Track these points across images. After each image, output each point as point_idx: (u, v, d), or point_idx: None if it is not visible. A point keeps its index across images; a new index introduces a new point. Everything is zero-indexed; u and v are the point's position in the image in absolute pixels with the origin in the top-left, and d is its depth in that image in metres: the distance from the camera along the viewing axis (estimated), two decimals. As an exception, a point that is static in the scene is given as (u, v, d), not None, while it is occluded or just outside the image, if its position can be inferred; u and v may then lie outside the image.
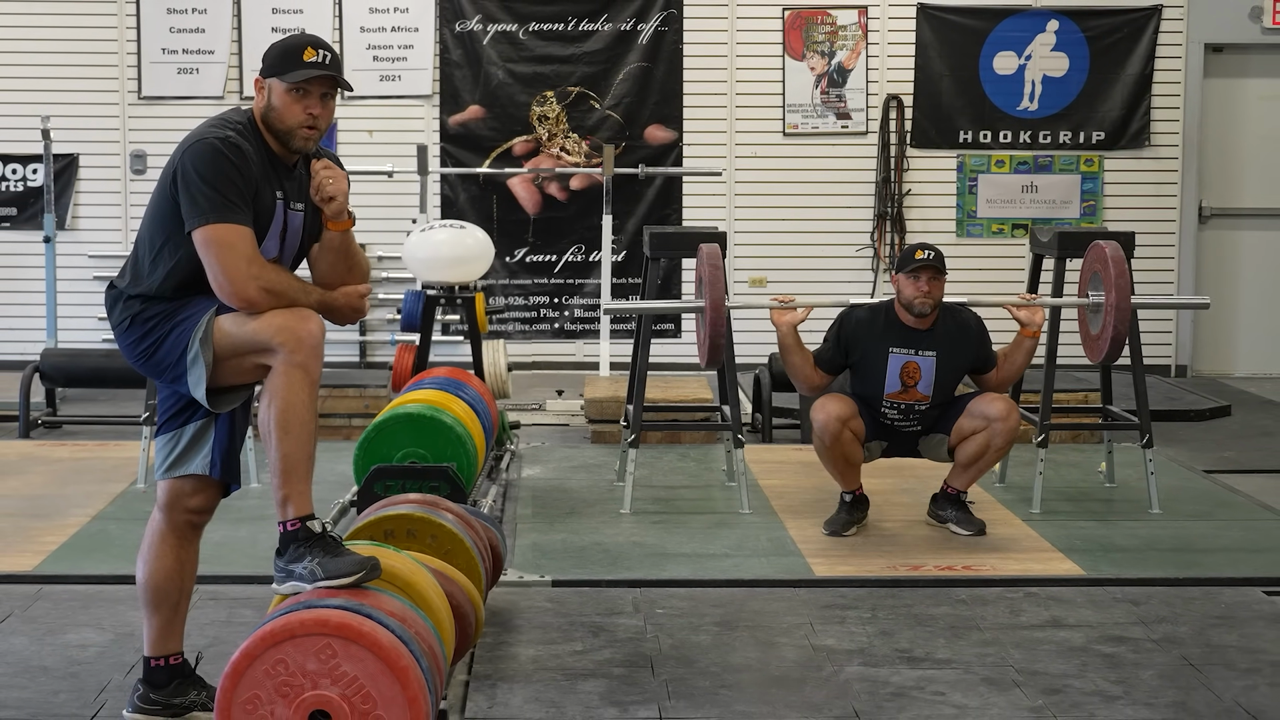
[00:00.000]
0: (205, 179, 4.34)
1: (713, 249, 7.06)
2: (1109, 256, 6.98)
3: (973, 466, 7.03)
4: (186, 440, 4.59)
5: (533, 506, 7.60)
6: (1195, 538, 7.11)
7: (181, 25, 12.00)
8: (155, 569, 4.62)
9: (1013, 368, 7.13)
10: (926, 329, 7.00)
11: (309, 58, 4.48)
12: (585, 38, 12.13)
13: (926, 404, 7.01)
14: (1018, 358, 7.11)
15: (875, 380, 7.01)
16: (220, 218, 4.33)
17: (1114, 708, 4.93)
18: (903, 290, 6.97)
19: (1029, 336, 7.09)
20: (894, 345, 6.99)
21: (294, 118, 4.49)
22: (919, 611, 5.94)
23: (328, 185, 4.52)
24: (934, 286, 6.92)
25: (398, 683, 3.95)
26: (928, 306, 6.93)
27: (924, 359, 6.98)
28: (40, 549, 6.67)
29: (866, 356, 7.02)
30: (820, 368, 7.11)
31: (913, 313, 6.97)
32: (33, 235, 11.69)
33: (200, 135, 4.43)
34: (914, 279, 6.92)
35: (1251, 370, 12.65)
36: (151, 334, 4.47)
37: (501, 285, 12.24)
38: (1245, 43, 12.39)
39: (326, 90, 4.53)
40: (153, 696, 4.67)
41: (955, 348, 7.03)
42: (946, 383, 7.04)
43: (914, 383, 6.99)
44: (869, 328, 7.04)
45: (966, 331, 7.09)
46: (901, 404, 7.01)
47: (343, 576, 4.21)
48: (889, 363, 6.98)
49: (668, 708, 4.89)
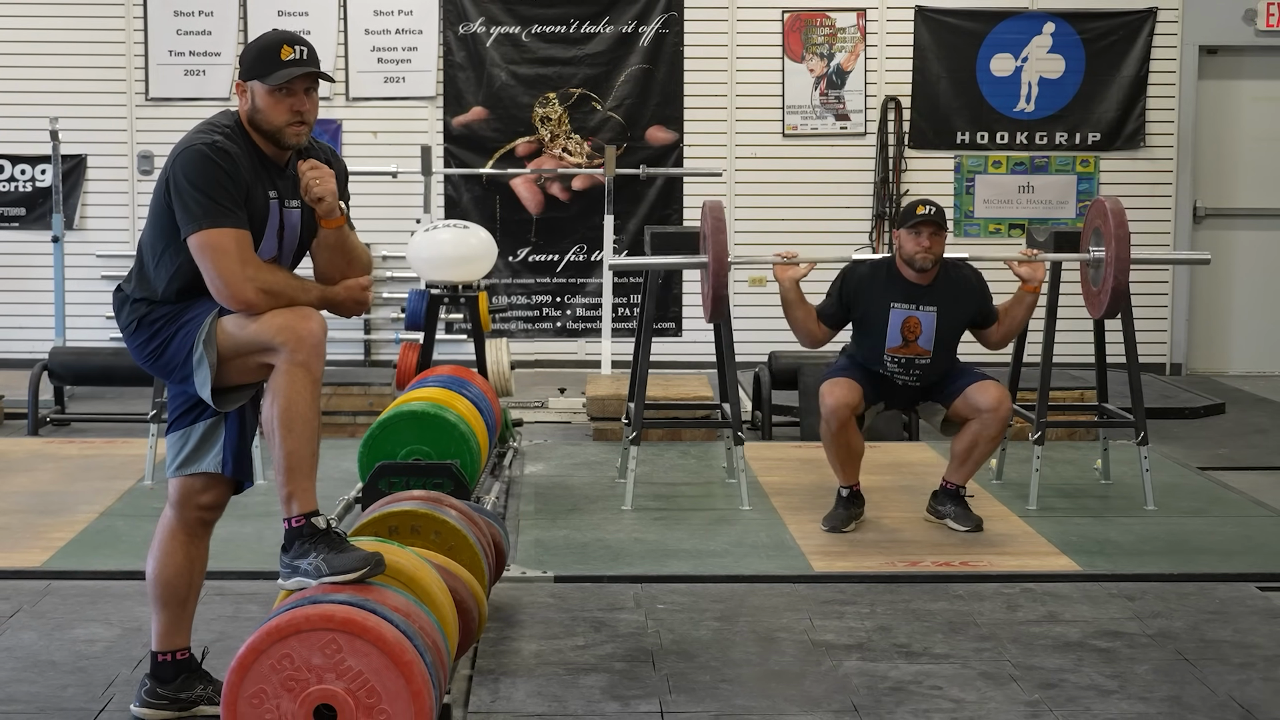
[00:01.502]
0: (195, 185, 4.35)
1: (716, 204, 7.09)
2: (1109, 210, 7.04)
3: (968, 460, 7.05)
4: (197, 438, 4.60)
5: (535, 503, 7.60)
6: (1190, 534, 7.11)
7: (188, 28, 12.04)
8: (165, 565, 4.63)
9: (1013, 323, 7.16)
10: (927, 284, 7.01)
11: (286, 56, 4.46)
12: (587, 40, 12.17)
13: (928, 359, 7.02)
14: (1018, 313, 7.13)
15: (877, 335, 7.02)
16: (213, 223, 4.33)
17: (1109, 702, 4.93)
18: (904, 246, 6.99)
19: (1030, 292, 7.11)
20: (895, 300, 7.00)
21: (280, 117, 4.48)
22: (917, 607, 5.95)
23: (314, 186, 4.50)
24: (935, 242, 6.94)
25: (402, 677, 3.95)
26: (929, 262, 6.95)
27: (925, 314, 7.00)
28: (48, 545, 6.67)
29: (868, 312, 7.04)
30: (823, 322, 7.13)
31: (914, 268, 6.98)
32: (41, 235, 11.76)
33: (188, 142, 4.43)
34: (915, 234, 6.93)
35: (1246, 368, 12.68)
36: (158, 336, 4.49)
37: (504, 284, 12.28)
38: (1239, 45, 12.42)
39: (309, 84, 4.51)
40: (160, 691, 4.69)
41: (956, 303, 7.05)
42: (947, 337, 7.06)
43: (915, 337, 7.00)
44: (870, 283, 7.06)
45: (968, 286, 7.11)
46: (903, 358, 7.03)
47: (347, 572, 4.21)
48: (890, 317, 6.99)
49: (668, 702, 4.90)
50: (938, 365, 7.08)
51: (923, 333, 7.00)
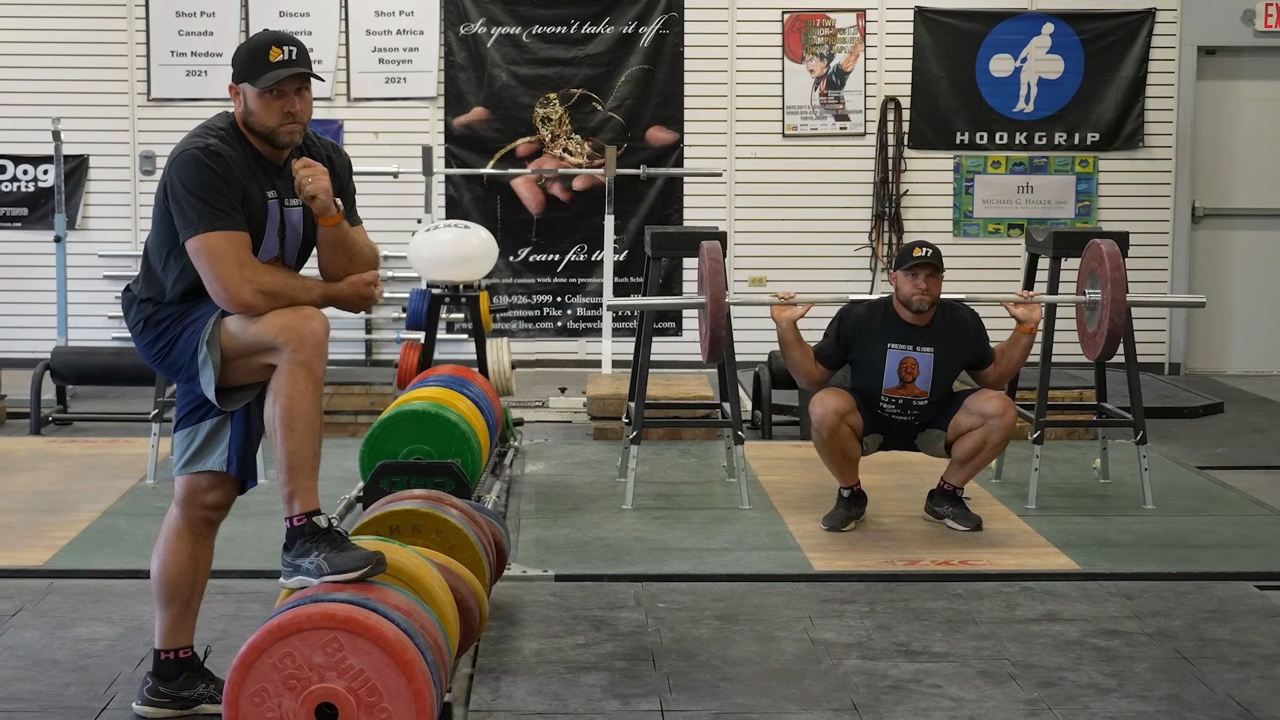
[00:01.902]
0: (191, 190, 4.36)
1: (713, 246, 7.10)
2: (1105, 254, 7.04)
3: (969, 463, 7.07)
4: (203, 437, 4.62)
5: (536, 502, 7.61)
6: (1188, 533, 7.12)
7: (190, 28, 12.06)
8: (170, 563, 4.65)
9: (1009, 364, 7.16)
10: (924, 325, 7.03)
11: (275, 57, 4.46)
12: (588, 40, 12.18)
13: (925, 399, 7.04)
14: (1014, 354, 7.14)
15: (874, 376, 7.04)
16: (209, 226, 4.35)
17: (1108, 700, 4.95)
18: (901, 287, 7.01)
19: (1026, 333, 7.12)
20: (892, 341, 7.02)
21: (273, 119, 4.48)
22: (916, 605, 5.96)
23: (307, 184, 4.48)
24: (931, 284, 6.95)
25: (403, 675, 3.95)
26: (925, 304, 6.97)
27: (922, 355, 7.02)
28: (51, 544, 6.68)
29: (865, 352, 7.05)
30: (820, 362, 7.15)
31: (911, 309, 7.00)
32: (44, 235, 11.77)
33: (183, 147, 4.44)
34: (912, 276, 6.95)
35: (1244, 368, 12.69)
36: (164, 336, 4.51)
37: (505, 284, 12.29)
38: (1237, 45, 12.43)
39: (301, 84, 4.51)
40: (162, 689, 4.71)
41: (953, 344, 7.07)
42: (944, 378, 7.08)
43: (912, 378, 7.02)
44: (868, 324, 7.08)
45: (964, 327, 7.13)
46: (900, 399, 7.05)
47: (348, 571, 4.21)
48: (887, 358, 7.01)
49: (669, 700, 4.91)
50: (934, 406, 7.10)
51: (920, 374, 7.02)
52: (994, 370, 7.18)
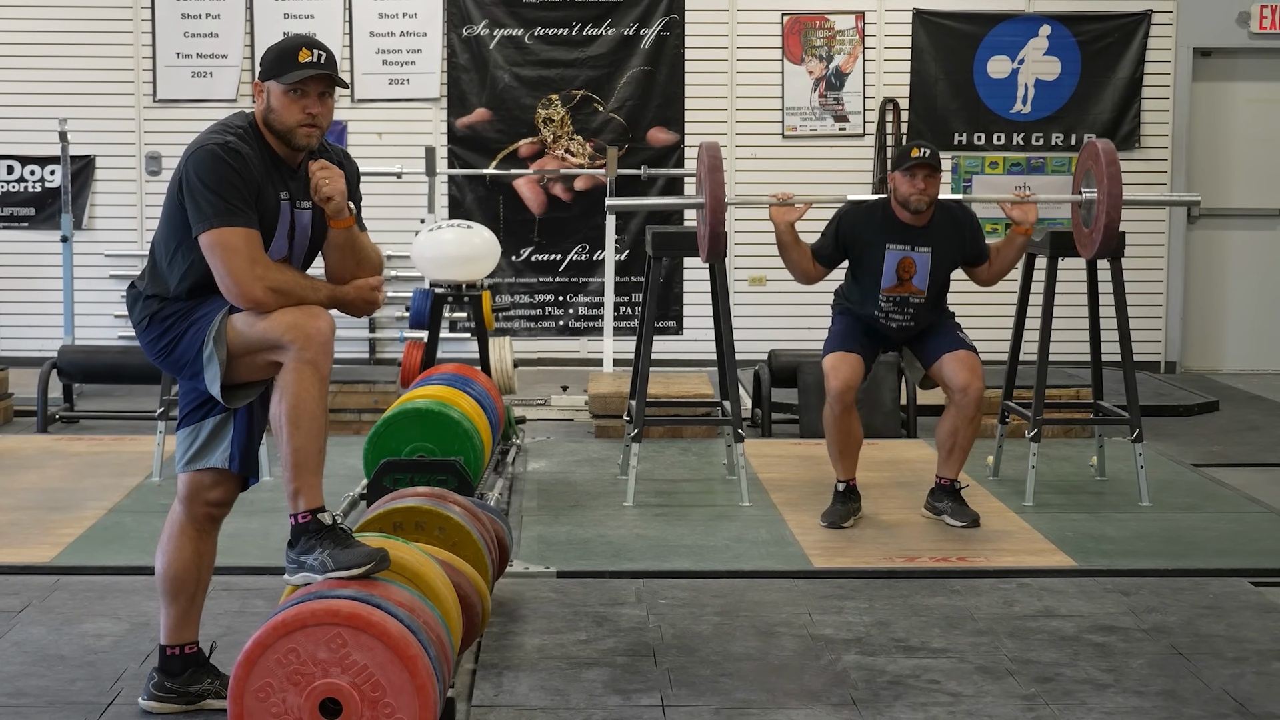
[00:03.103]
0: (207, 185, 4.38)
1: (712, 145, 7.14)
2: (1101, 150, 7.14)
3: (954, 450, 7.09)
4: (206, 434, 4.63)
5: (538, 499, 7.62)
6: (1184, 530, 7.12)
7: (195, 30, 12.09)
8: (174, 560, 4.66)
9: (1003, 263, 7.20)
10: (922, 225, 7.05)
11: (304, 58, 4.50)
12: (589, 42, 12.22)
13: (922, 298, 7.05)
14: (1009, 253, 7.17)
15: (872, 275, 7.05)
16: (223, 222, 4.37)
17: (1105, 695, 4.95)
18: (899, 188, 7.02)
19: (1021, 234, 7.15)
20: (890, 241, 7.03)
21: (293, 117, 4.51)
22: (915, 602, 5.96)
23: (324, 185, 4.51)
24: (929, 184, 6.98)
25: (406, 671, 3.96)
26: (923, 204, 6.99)
27: (919, 254, 7.02)
28: (58, 541, 6.68)
29: (864, 253, 7.06)
30: (818, 261, 7.18)
31: (909, 210, 7.02)
32: (50, 235, 11.80)
33: (201, 142, 4.47)
34: (910, 177, 6.97)
35: (1239, 366, 12.73)
36: (169, 332, 4.52)
37: (507, 283, 12.32)
38: (1233, 47, 12.46)
39: (324, 89, 4.55)
40: (167, 684, 4.72)
41: (950, 243, 7.08)
42: (941, 276, 7.10)
43: (909, 277, 7.02)
44: (866, 224, 7.09)
45: (960, 227, 7.15)
46: (898, 297, 7.06)
47: (353, 568, 4.22)
48: (885, 258, 7.02)
49: (670, 695, 4.92)
50: (931, 304, 7.10)
51: (917, 272, 7.03)
52: (988, 269, 7.23)
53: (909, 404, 9.45)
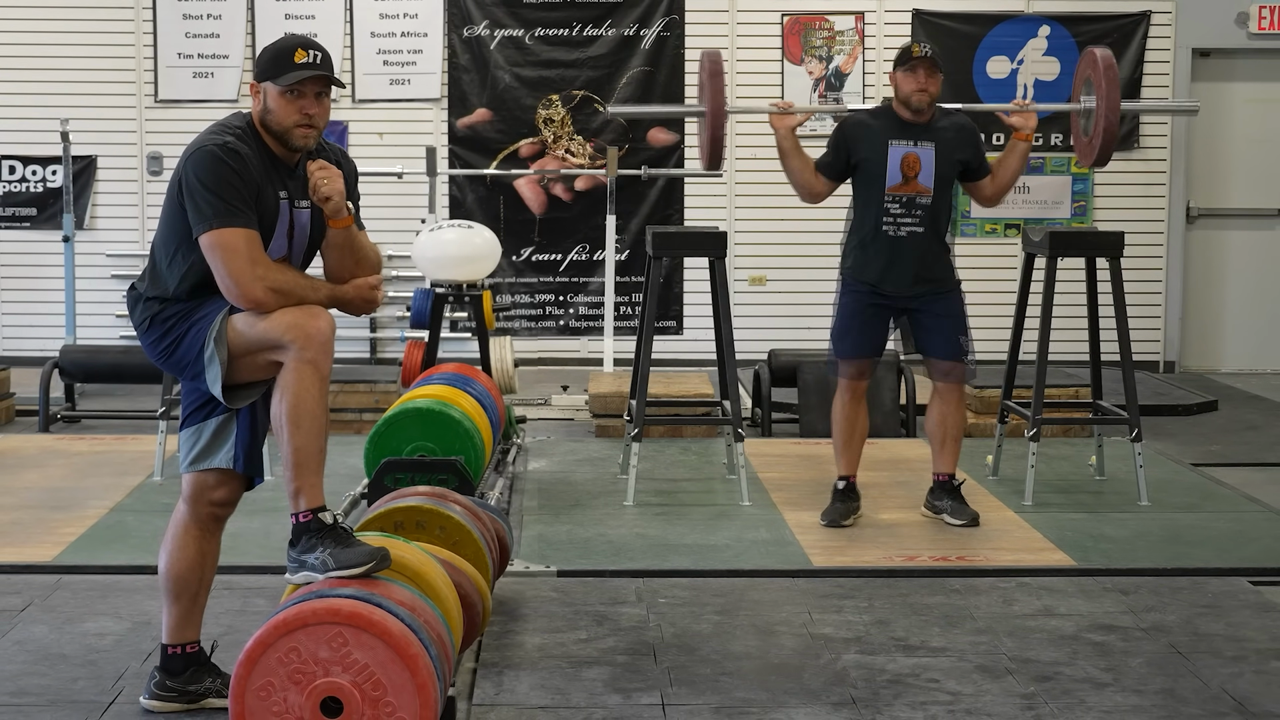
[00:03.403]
0: (207, 186, 4.39)
1: (713, 53, 7.16)
2: (1099, 58, 7.14)
3: (945, 441, 7.13)
4: (209, 435, 4.65)
5: (538, 499, 7.63)
6: (1183, 529, 7.13)
7: (197, 31, 12.11)
8: (177, 559, 4.67)
9: (1007, 172, 7.18)
10: (924, 123, 7.06)
11: (300, 59, 4.52)
12: (590, 43, 12.23)
13: (929, 198, 7.02)
14: (1011, 161, 7.16)
15: (877, 175, 7.03)
16: (223, 222, 4.38)
17: (1104, 694, 4.96)
18: (901, 86, 7.03)
19: (1022, 140, 7.15)
20: (893, 138, 7.03)
21: (290, 118, 4.53)
22: (914, 601, 5.97)
23: (322, 185, 4.52)
24: (930, 82, 6.98)
25: (407, 670, 3.97)
26: (925, 102, 6.99)
27: (923, 150, 7.02)
28: (59, 540, 6.69)
29: (867, 152, 7.05)
30: (822, 173, 7.18)
31: (910, 108, 7.02)
32: (52, 235, 11.82)
33: (200, 143, 4.48)
34: (911, 74, 6.97)
35: (1238, 366, 12.74)
36: (170, 333, 4.53)
37: (508, 283, 12.33)
38: (1231, 48, 12.48)
39: (321, 89, 4.57)
40: (169, 683, 4.73)
41: (952, 142, 7.08)
42: (946, 175, 7.06)
43: (914, 174, 7.01)
44: (868, 126, 7.10)
45: (963, 129, 7.15)
46: (904, 197, 7.02)
47: (353, 567, 4.23)
48: (889, 154, 7.01)
49: (670, 694, 4.93)
50: (937, 209, 7.06)
51: (922, 169, 7.01)
52: (991, 183, 7.20)
53: (909, 404, 9.47)
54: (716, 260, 7.80)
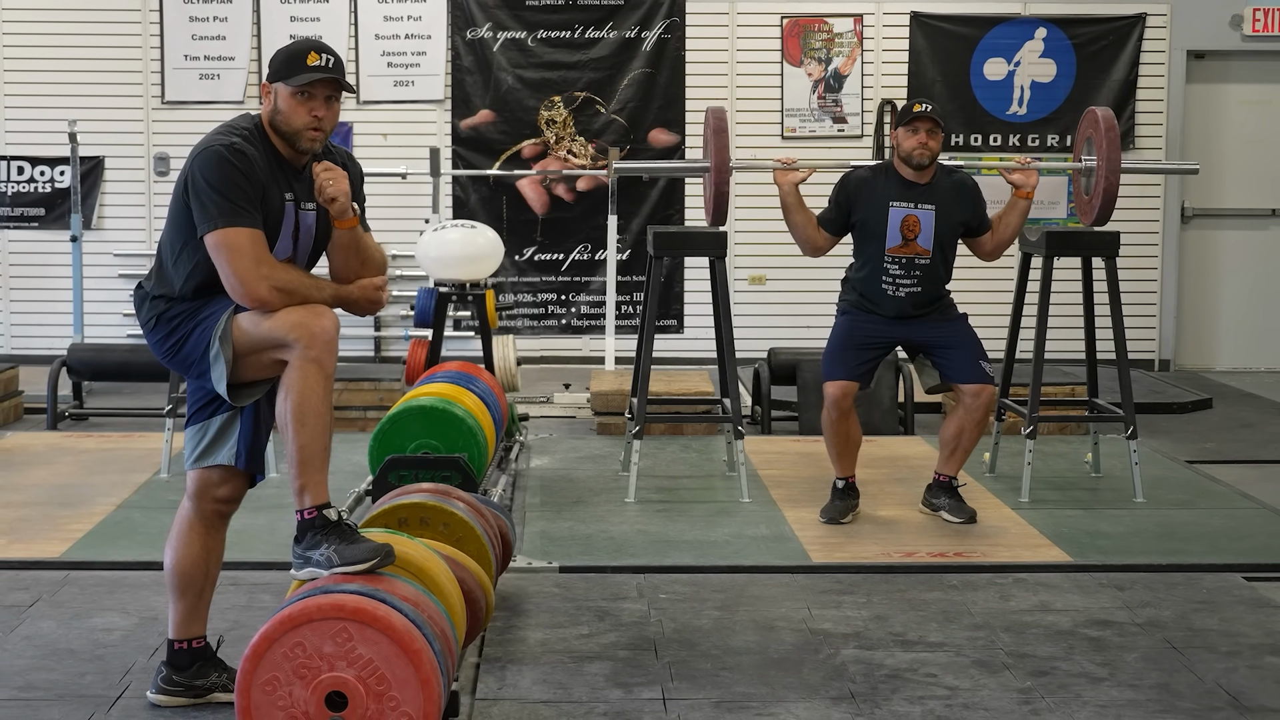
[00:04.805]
0: (213, 185, 4.40)
1: (718, 110, 7.20)
2: (1100, 118, 7.22)
3: (956, 450, 7.13)
4: (213, 432, 4.66)
5: (541, 495, 7.64)
6: (1178, 526, 7.14)
7: (203, 33, 12.14)
8: (183, 555, 4.69)
9: (1007, 229, 7.21)
10: (925, 183, 7.08)
11: (312, 62, 4.53)
12: (591, 45, 12.27)
13: (927, 259, 7.06)
14: (1012, 218, 7.19)
15: (877, 236, 7.06)
16: (229, 222, 4.39)
17: (1099, 689, 4.98)
18: (902, 144, 7.06)
19: (1023, 198, 7.18)
20: (894, 199, 7.05)
21: (299, 120, 4.54)
22: (912, 596, 5.99)
23: (327, 187, 4.54)
24: (932, 139, 7.00)
25: (411, 665, 3.98)
26: (926, 158, 7.02)
27: (923, 212, 7.05)
28: (67, 536, 6.71)
29: (868, 212, 7.09)
30: (823, 228, 7.21)
31: (911, 165, 7.05)
32: (60, 235, 11.89)
33: (207, 143, 4.49)
34: (913, 131, 7.01)
35: (1232, 365, 12.78)
36: (176, 332, 4.55)
37: (511, 283, 12.36)
38: (1226, 50, 12.50)
39: (331, 93, 4.58)
40: (175, 678, 4.74)
41: (953, 203, 7.10)
42: (946, 237, 7.10)
43: (914, 235, 7.04)
44: (869, 185, 7.13)
45: (963, 189, 7.17)
46: (903, 258, 7.06)
47: (358, 563, 4.24)
48: (890, 217, 7.04)
49: (671, 689, 4.94)
50: (936, 270, 7.10)
51: (922, 231, 7.04)
52: (991, 239, 7.23)
53: (907, 402, 9.50)
54: (717, 260, 7.83)
